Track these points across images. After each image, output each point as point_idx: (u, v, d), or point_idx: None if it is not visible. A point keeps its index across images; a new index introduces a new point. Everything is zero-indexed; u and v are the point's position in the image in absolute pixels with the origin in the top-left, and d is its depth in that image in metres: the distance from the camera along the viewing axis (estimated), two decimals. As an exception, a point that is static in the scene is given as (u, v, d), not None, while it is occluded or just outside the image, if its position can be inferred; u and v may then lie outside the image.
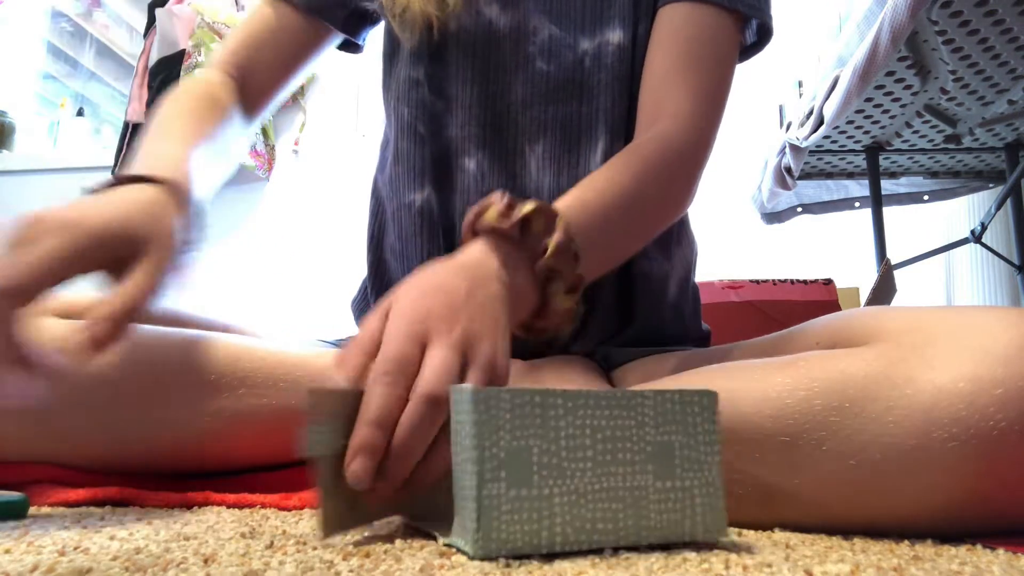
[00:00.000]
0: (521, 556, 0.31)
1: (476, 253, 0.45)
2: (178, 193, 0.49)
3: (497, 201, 0.47)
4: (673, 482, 0.33)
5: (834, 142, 1.55)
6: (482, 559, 0.30)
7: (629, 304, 0.70)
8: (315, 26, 0.75)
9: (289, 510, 0.47)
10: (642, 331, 0.71)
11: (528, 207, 0.47)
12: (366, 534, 0.36)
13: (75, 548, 0.33)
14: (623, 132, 0.68)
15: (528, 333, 0.50)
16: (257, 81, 0.74)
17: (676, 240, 0.74)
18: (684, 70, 0.64)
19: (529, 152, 0.67)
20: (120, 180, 0.49)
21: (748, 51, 0.74)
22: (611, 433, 0.33)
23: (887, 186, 1.74)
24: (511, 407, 0.31)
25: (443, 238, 0.69)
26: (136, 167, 0.51)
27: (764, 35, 0.72)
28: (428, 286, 0.41)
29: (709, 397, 0.35)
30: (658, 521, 0.33)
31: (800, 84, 1.72)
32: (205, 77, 0.71)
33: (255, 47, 0.74)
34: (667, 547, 0.35)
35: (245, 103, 0.73)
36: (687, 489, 0.34)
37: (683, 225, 0.76)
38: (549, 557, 0.32)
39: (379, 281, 0.78)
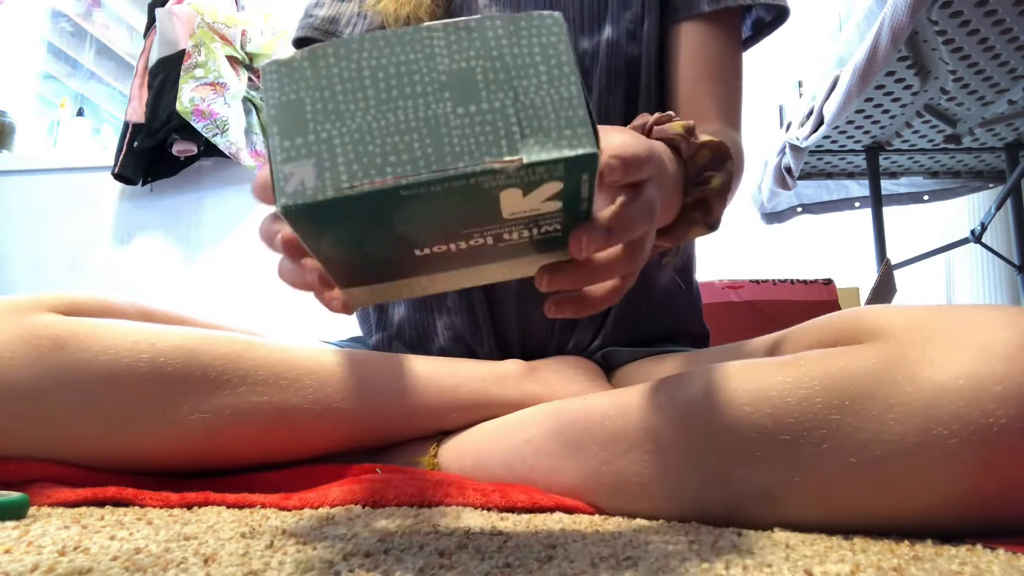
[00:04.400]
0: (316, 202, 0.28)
1: (662, 152, 0.47)
2: None
3: (678, 118, 0.50)
4: (479, 106, 0.29)
5: (834, 142, 1.55)
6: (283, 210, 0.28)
7: None
8: None
9: (289, 510, 0.47)
10: (634, 317, 0.71)
11: (710, 137, 0.50)
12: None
13: (75, 548, 0.33)
14: (613, 123, 0.70)
15: None
16: None
17: None
18: (713, 82, 0.71)
19: None
20: None
21: (764, 31, 0.77)
22: (395, 70, 0.29)
23: (887, 186, 1.74)
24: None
25: None
26: None
27: (780, 14, 0.75)
28: (664, 159, 0.43)
29: (528, 19, 0.30)
30: (464, 146, 0.29)
31: (800, 84, 1.72)
32: None
33: None
34: (665, 548, 0.35)
35: None
36: (499, 111, 0.29)
37: None
38: (549, 559, 0.32)
39: None
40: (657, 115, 0.50)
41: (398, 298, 0.40)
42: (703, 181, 0.51)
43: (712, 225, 0.52)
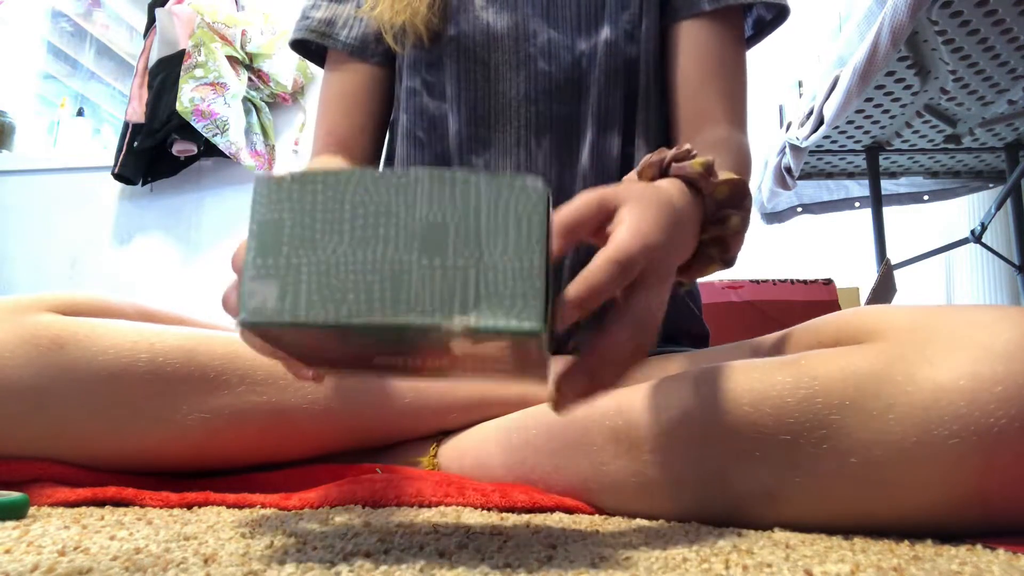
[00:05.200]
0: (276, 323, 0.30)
1: (679, 195, 0.46)
2: None
3: (696, 153, 0.49)
4: (444, 261, 0.31)
5: (834, 142, 1.54)
6: (247, 325, 0.30)
7: None
8: (374, 69, 0.77)
9: (289, 510, 0.47)
10: None
11: (729, 175, 0.49)
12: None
13: (75, 548, 0.33)
14: (612, 124, 0.70)
15: None
16: (360, 147, 0.77)
17: None
18: (718, 80, 0.70)
19: (536, 147, 0.69)
20: None
21: (765, 29, 0.76)
22: (374, 209, 0.31)
23: (887, 186, 1.73)
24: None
25: None
26: None
27: (781, 13, 0.74)
28: (670, 218, 0.41)
29: (511, 180, 0.31)
30: (420, 297, 0.30)
31: (800, 84, 1.72)
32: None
33: (343, 118, 0.76)
34: (665, 548, 0.35)
35: None
36: (460, 269, 0.31)
37: None
38: (549, 559, 0.32)
39: None
40: (675, 151, 0.49)
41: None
42: (721, 219, 0.50)
43: (729, 262, 0.52)
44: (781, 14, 0.74)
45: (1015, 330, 0.39)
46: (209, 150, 2.20)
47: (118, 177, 2.26)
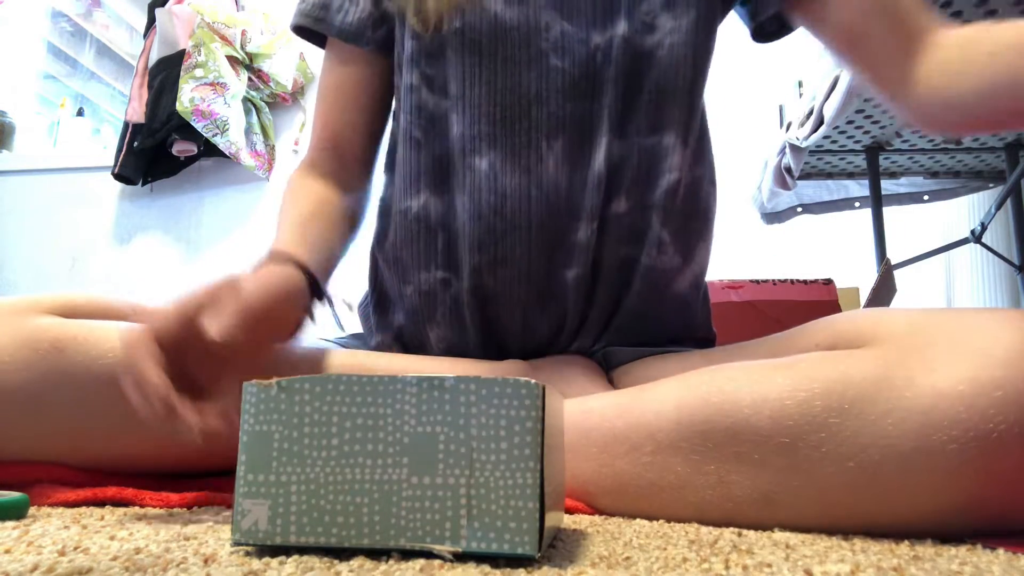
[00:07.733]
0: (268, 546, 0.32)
1: None
2: (312, 281, 0.57)
3: None
4: (433, 479, 0.31)
5: (834, 142, 1.54)
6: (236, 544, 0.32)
7: (627, 292, 0.67)
8: (371, 57, 0.74)
9: (289, 510, 0.47)
10: (641, 321, 0.68)
11: None
12: None
13: (75, 548, 0.33)
14: (628, 124, 0.65)
15: None
16: (353, 146, 0.75)
17: (700, 236, 0.71)
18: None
19: (546, 149, 0.64)
20: (273, 257, 0.56)
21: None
22: (362, 421, 0.32)
23: (887, 186, 1.73)
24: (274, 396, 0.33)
25: (441, 243, 0.67)
26: (281, 248, 0.59)
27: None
28: None
29: (503, 386, 0.31)
30: (409, 521, 0.31)
31: (800, 84, 1.72)
32: (302, 182, 0.71)
33: (337, 113, 0.74)
34: (665, 548, 0.35)
35: (351, 176, 0.74)
36: (451, 488, 0.30)
37: (710, 221, 0.73)
38: (548, 557, 0.32)
39: (376, 290, 0.77)
40: None
41: None
42: None
43: None
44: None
45: (1014, 335, 0.39)
46: (209, 150, 2.20)
47: (118, 177, 2.26)
